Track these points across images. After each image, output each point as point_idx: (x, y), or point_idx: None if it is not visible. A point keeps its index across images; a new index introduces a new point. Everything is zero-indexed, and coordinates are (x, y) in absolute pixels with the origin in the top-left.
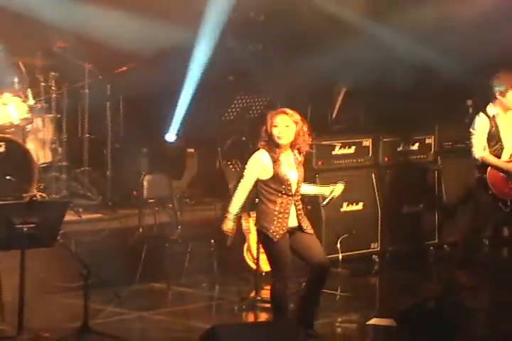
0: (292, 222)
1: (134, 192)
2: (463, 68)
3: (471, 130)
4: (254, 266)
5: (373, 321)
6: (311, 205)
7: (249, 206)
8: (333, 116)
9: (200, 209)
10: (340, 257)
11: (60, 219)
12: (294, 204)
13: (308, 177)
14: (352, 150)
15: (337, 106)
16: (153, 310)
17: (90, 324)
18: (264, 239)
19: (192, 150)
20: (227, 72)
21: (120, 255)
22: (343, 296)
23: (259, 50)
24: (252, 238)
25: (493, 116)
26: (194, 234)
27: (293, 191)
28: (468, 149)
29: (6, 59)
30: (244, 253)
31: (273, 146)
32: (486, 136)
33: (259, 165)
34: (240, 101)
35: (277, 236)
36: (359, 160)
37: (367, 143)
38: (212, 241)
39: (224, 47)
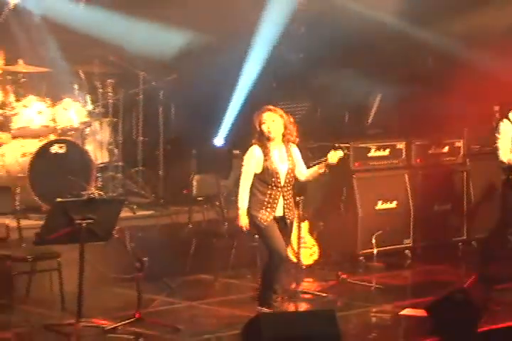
0: (279, 212)
1: (184, 191)
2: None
3: (496, 135)
4: (295, 260)
5: (406, 311)
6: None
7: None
8: (369, 121)
9: None
10: (375, 252)
11: (115, 215)
12: (283, 195)
13: (345, 177)
14: (386, 152)
15: (373, 112)
16: (202, 299)
17: (143, 312)
18: (255, 226)
19: (237, 151)
20: (271, 79)
21: (171, 249)
22: (378, 288)
23: (301, 59)
24: (293, 233)
25: None
26: (239, 230)
27: (282, 183)
28: (494, 152)
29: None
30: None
31: (264, 142)
32: (511, 140)
33: (253, 160)
34: (282, 106)
35: (265, 223)
36: (393, 161)
37: (400, 146)
38: (255, 236)
39: (269, 56)
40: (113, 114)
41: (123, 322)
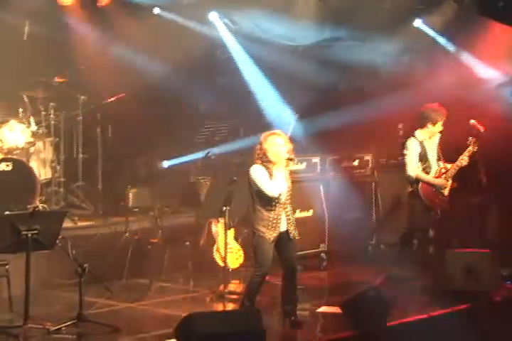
0: (282, 227)
1: (122, 203)
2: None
3: (404, 152)
4: (222, 264)
5: (322, 309)
6: None
7: (217, 213)
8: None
9: (177, 216)
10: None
11: (59, 226)
12: (284, 210)
13: None
14: (303, 166)
15: (290, 130)
16: (139, 301)
17: (85, 314)
18: (258, 239)
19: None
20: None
21: (110, 255)
22: (298, 288)
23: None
24: (220, 240)
25: (422, 140)
26: (172, 237)
27: (283, 200)
28: (399, 165)
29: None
30: (214, 253)
31: (267, 163)
32: (418, 156)
33: (266, 175)
34: (208, 126)
35: (271, 239)
36: (309, 174)
37: (316, 160)
38: (187, 243)
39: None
40: (55, 134)
41: (66, 323)
